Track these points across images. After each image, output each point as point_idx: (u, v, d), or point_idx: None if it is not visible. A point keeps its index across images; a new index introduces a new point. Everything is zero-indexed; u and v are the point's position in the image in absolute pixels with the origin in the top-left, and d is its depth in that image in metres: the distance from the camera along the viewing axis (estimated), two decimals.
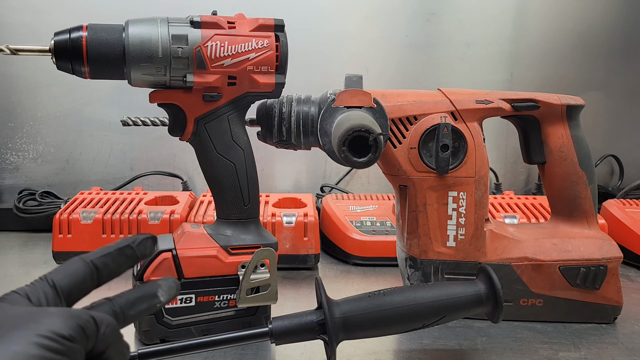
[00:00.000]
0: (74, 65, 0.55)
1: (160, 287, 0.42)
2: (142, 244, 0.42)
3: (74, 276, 0.38)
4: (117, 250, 0.41)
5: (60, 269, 0.38)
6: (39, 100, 1.10)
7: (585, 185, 0.68)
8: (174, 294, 0.43)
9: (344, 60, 1.13)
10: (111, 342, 0.36)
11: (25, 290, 0.36)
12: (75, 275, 0.38)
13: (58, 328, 0.31)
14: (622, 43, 1.16)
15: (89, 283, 0.39)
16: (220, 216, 0.62)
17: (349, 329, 0.52)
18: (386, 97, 0.65)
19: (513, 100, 0.67)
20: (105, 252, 0.40)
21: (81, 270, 0.39)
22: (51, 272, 0.38)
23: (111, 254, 0.40)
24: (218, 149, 0.60)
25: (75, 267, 0.39)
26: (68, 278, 0.38)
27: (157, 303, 0.41)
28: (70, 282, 0.38)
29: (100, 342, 0.34)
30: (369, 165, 0.57)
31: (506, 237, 0.67)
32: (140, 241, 0.42)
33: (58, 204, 1.02)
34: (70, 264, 0.39)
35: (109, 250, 0.41)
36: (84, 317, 0.34)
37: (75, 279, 0.38)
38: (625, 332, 0.66)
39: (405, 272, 0.69)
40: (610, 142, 1.19)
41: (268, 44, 0.58)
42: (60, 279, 0.38)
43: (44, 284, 0.37)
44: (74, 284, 0.38)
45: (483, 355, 0.60)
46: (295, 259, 0.85)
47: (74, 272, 0.38)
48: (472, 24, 1.13)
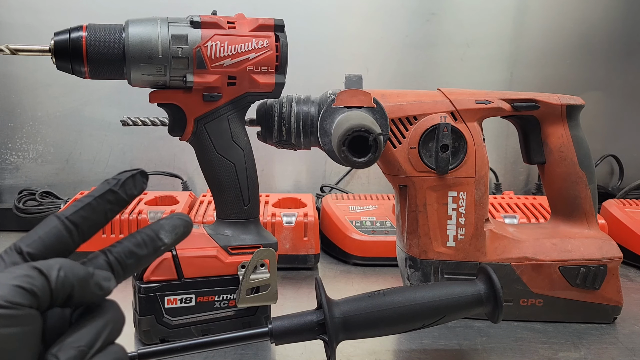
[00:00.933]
0: (73, 65, 0.55)
1: (162, 228, 0.36)
2: (128, 183, 0.36)
3: (46, 238, 0.33)
4: (96, 199, 0.35)
5: (32, 232, 0.34)
6: (39, 100, 1.10)
7: (585, 185, 0.68)
8: (180, 234, 0.37)
9: (344, 60, 1.13)
10: (75, 284, 0.31)
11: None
12: (48, 237, 0.33)
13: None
14: (622, 43, 1.16)
15: (68, 244, 0.34)
16: (220, 216, 0.62)
17: (349, 329, 0.52)
18: (386, 97, 0.65)
19: (513, 100, 0.67)
20: (83, 203, 0.35)
21: (55, 230, 0.34)
22: (23, 236, 0.34)
23: (90, 204, 0.35)
24: (218, 149, 0.60)
25: (47, 228, 0.34)
26: (39, 242, 0.33)
27: (161, 246, 0.36)
28: (42, 246, 0.33)
29: (58, 291, 0.31)
30: (368, 165, 0.57)
31: (506, 237, 0.67)
32: (124, 180, 0.36)
33: (58, 204, 1.02)
34: (43, 224, 0.34)
35: (87, 200, 0.35)
36: (23, 272, 0.30)
37: (48, 242, 0.33)
38: (625, 332, 0.66)
39: (405, 272, 0.69)
40: (610, 142, 1.19)
41: (268, 44, 0.58)
42: (30, 243, 0.33)
43: (12, 252, 0.33)
44: (46, 247, 0.33)
45: (483, 355, 0.60)
46: (295, 259, 0.85)
47: (46, 234, 0.33)
48: (472, 24, 1.13)
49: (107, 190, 0.35)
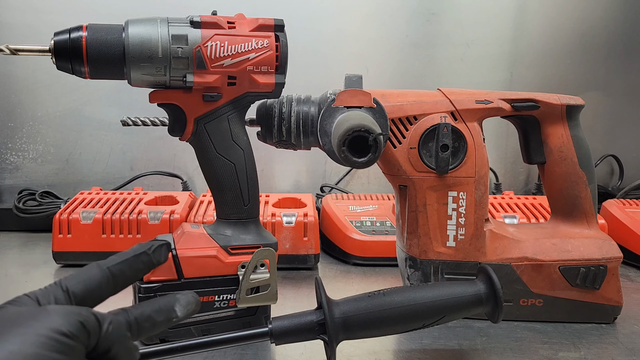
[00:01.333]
0: (73, 65, 0.55)
1: (178, 302, 0.41)
2: (158, 251, 0.43)
3: (88, 282, 0.38)
4: (133, 257, 0.41)
5: (75, 274, 0.38)
6: (39, 100, 1.10)
7: (585, 185, 0.68)
8: (192, 310, 0.42)
9: (344, 60, 1.13)
10: (115, 340, 0.35)
11: (36, 294, 0.36)
12: (90, 281, 0.38)
13: (57, 325, 0.31)
14: (622, 43, 1.16)
15: (104, 289, 0.39)
16: (220, 216, 0.62)
17: (349, 329, 0.52)
18: (386, 97, 0.65)
19: (513, 100, 0.67)
20: (122, 258, 0.40)
21: (97, 276, 0.38)
22: (66, 277, 0.38)
23: (128, 260, 0.40)
24: (218, 149, 0.60)
25: (90, 274, 0.38)
26: (82, 284, 0.37)
27: (174, 317, 0.40)
28: (84, 288, 0.37)
29: (103, 340, 0.34)
30: (368, 165, 0.57)
31: (506, 237, 0.67)
32: (155, 248, 0.42)
33: (58, 204, 1.02)
34: (86, 270, 0.39)
35: (125, 256, 0.40)
36: (85, 313, 0.33)
37: (89, 285, 0.38)
38: (625, 332, 0.66)
39: (405, 272, 0.69)
40: (610, 142, 1.19)
41: (268, 44, 0.58)
42: (74, 284, 0.37)
43: (57, 288, 0.37)
44: (88, 290, 0.38)
45: (483, 355, 0.60)
46: (295, 259, 0.85)
47: (88, 278, 0.38)
48: (472, 24, 1.13)
49: (143, 252, 0.42)
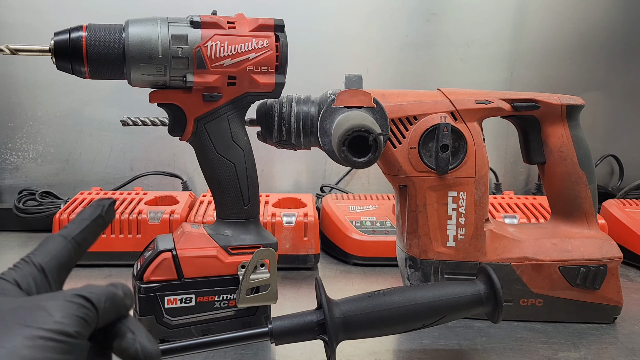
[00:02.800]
0: (73, 65, 0.55)
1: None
2: (110, 211, 0.41)
3: (59, 256, 0.37)
4: (92, 222, 0.40)
5: (44, 249, 0.37)
6: (39, 100, 1.10)
7: (585, 185, 0.68)
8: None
9: (344, 60, 1.13)
10: (114, 311, 0.34)
11: (13, 276, 0.34)
12: (60, 255, 0.37)
13: (58, 326, 0.30)
14: (622, 43, 1.16)
15: (73, 260, 0.38)
16: (220, 216, 0.62)
17: (349, 329, 0.52)
18: (386, 97, 0.65)
19: (513, 100, 0.67)
20: (83, 225, 0.39)
21: (66, 249, 0.37)
22: (34, 252, 0.36)
23: (88, 226, 0.39)
24: (218, 149, 0.60)
25: (59, 247, 0.37)
26: (55, 260, 0.36)
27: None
28: (57, 263, 0.36)
29: (101, 321, 0.33)
30: (368, 165, 0.57)
31: (506, 237, 0.67)
32: (107, 208, 0.41)
33: (58, 204, 1.02)
34: (54, 243, 0.37)
35: (85, 223, 0.39)
36: (84, 305, 0.32)
37: (61, 259, 0.36)
38: (625, 332, 0.66)
39: (405, 272, 0.69)
40: (610, 142, 1.19)
41: (268, 44, 0.58)
42: (48, 260, 0.36)
43: (31, 267, 0.35)
44: (60, 264, 0.36)
45: (483, 355, 0.60)
46: (295, 259, 0.85)
47: (59, 252, 0.37)
48: (472, 24, 1.13)
49: (98, 215, 0.40)
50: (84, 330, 0.31)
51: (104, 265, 0.85)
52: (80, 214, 0.40)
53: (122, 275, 0.65)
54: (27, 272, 0.35)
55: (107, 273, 0.82)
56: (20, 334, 0.29)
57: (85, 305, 0.32)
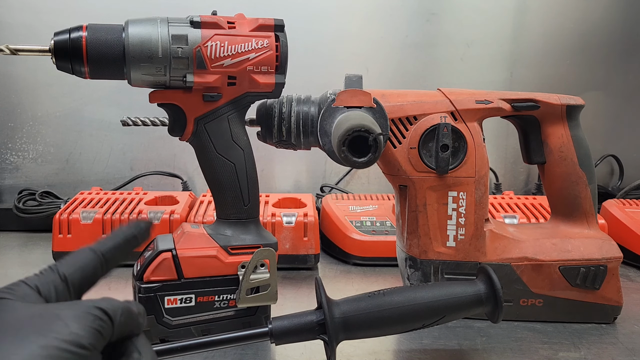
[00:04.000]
0: (73, 65, 0.55)
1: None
2: (145, 233, 0.42)
3: (85, 269, 0.37)
4: (125, 241, 0.40)
5: (71, 260, 0.37)
6: (39, 100, 1.10)
7: (585, 185, 0.68)
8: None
9: (344, 60, 1.13)
10: (129, 327, 0.34)
11: (35, 282, 0.34)
12: (86, 268, 0.37)
13: (73, 337, 0.29)
14: (622, 43, 1.16)
15: (98, 275, 0.38)
16: (220, 216, 0.62)
17: (349, 329, 0.52)
18: (386, 97, 0.65)
19: (513, 100, 0.67)
20: (115, 242, 0.40)
21: (93, 263, 0.37)
22: (61, 262, 0.37)
23: (120, 245, 0.40)
24: (218, 149, 0.60)
25: (86, 260, 0.37)
26: (80, 271, 0.36)
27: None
28: (81, 276, 0.36)
29: (116, 335, 0.33)
30: (368, 165, 0.57)
31: (506, 237, 0.67)
32: (144, 229, 0.42)
33: (58, 204, 1.02)
34: (81, 255, 0.38)
35: (117, 240, 0.40)
36: (100, 317, 0.32)
37: (86, 272, 0.37)
38: (625, 332, 0.66)
39: (405, 272, 0.69)
40: (610, 142, 1.19)
41: (268, 44, 0.58)
42: (72, 272, 0.36)
43: (55, 276, 0.35)
44: (84, 277, 0.37)
45: (483, 355, 0.60)
46: (295, 259, 0.85)
47: (85, 265, 0.37)
48: (472, 24, 1.13)
49: (133, 235, 0.41)
50: (99, 343, 0.31)
51: None
52: (117, 230, 0.41)
53: (122, 275, 0.65)
54: (50, 279, 0.35)
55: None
56: (36, 343, 0.29)
57: (102, 318, 0.32)
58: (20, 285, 0.34)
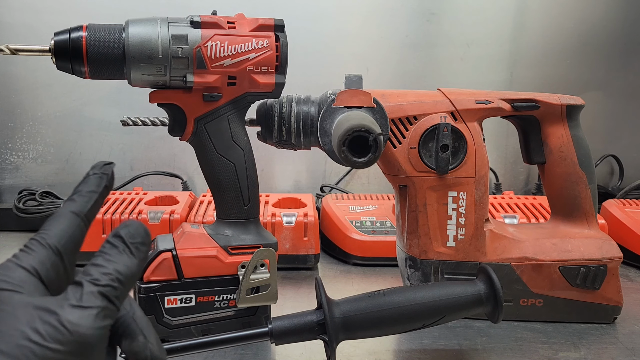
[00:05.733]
0: (74, 65, 0.55)
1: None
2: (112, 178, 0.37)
3: (75, 237, 0.34)
4: (101, 196, 0.36)
5: (56, 229, 0.33)
6: (39, 100, 1.10)
7: (585, 185, 0.68)
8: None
9: (344, 60, 1.13)
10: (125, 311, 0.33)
11: (31, 263, 0.31)
12: (75, 235, 0.34)
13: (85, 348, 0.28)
14: (622, 43, 1.16)
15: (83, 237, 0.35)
16: (220, 216, 0.62)
17: (349, 329, 0.52)
18: (386, 97, 0.65)
19: (513, 100, 0.67)
20: (93, 199, 0.35)
21: (80, 229, 0.34)
22: (47, 232, 0.33)
23: (97, 201, 0.36)
24: (218, 149, 0.60)
25: (73, 225, 0.34)
26: (71, 241, 0.33)
27: None
28: (74, 245, 0.34)
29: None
30: (368, 165, 0.57)
31: (506, 237, 0.67)
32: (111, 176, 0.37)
33: (58, 204, 1.02)
34: (67, 222, 0.34)
35: (94, 196, 0.35)
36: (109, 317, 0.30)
37: (76, 240, 0.34)
38: (625, 332, 0.66)
39: (405, 272, 0.69)
40: (610, 142, 1.19)
41: (268, 44, 0.58)
42: (64, 243, 0.33)
43: (48, 251, 0.32)
44: (76, 246, 0.34)
45: (483, 355, 0.60)
46: (295, 259, 0.85)
47: (74, 232, 0.34)
48: (472, 24, 1.13)
49: (105, 186, 0.36)
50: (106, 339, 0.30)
51: None
52: (86, 184, 0.36)
53: None
54: (45, 257, 0.32)
55: None
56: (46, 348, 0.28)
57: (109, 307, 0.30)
58: (15, 270, 0.31)
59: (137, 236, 0.33)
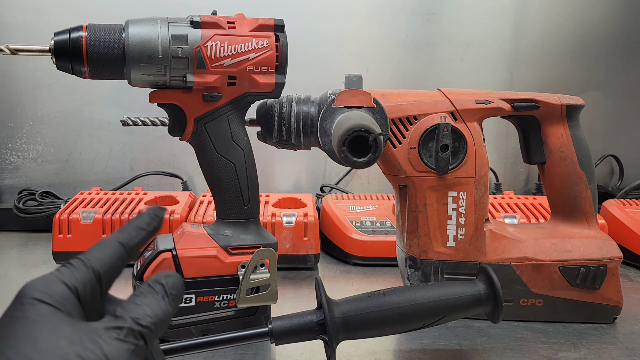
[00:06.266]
0: (73, 65, 0.55)
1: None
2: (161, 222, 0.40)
3: (115, 266, 0.35)
4: (148, 235, 0.38)
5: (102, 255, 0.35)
6: (39, 100, 1.10)
7: (585, 185, 0.68)
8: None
9: (344, 60, 1.13)
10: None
11: (72, 281, 0.33)
12: (116, 264, 0.35)
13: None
14: (622, 43, 1.16)
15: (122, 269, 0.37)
16: (220, 216, 0.62)
17: (349, 329, 0.52)
18: (386, 97, 0.65)
19: (513, 100, 0.67)
20: (141, 235, 0.38)
21: (122, 259, 0.36)
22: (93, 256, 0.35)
23: (144, 238, 0.38)
24: (218, 149, 0.60)
25: (117, 254, 0.36)
26: (112, 270, 0.35)
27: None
28: (114, 273, 0.35)
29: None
30: (368, 165, 0.57)
31: (506, 237, 0.67)
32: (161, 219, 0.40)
33: (58, 204, 1.02)
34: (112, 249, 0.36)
35: (143, 233, 0.38)
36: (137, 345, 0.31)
37: (116, 269, 0.36)
38: (625, 332, 0.66)
39: (405, 272, 0.69)
40: (610, 142, 1.19)
41: (268, 44, 0.58)
42: (106, 269, 0.35)
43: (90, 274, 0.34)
44: (115, 275, 0.36)
45: (483, 355, 0.60)
46: (295, 259, 0.85)
47: (116, 261, 0.35)
48: (472, 24, 1.13)
49: (154, 228, 0.39)
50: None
51: None
52: (138, 220, 0.39)
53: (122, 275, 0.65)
54: (87, 278, 0.34)
55: None
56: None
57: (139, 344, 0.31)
58: (58, 286, 0.32)
59: (176, 289, 0.35)
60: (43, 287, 0.32)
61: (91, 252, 0.35)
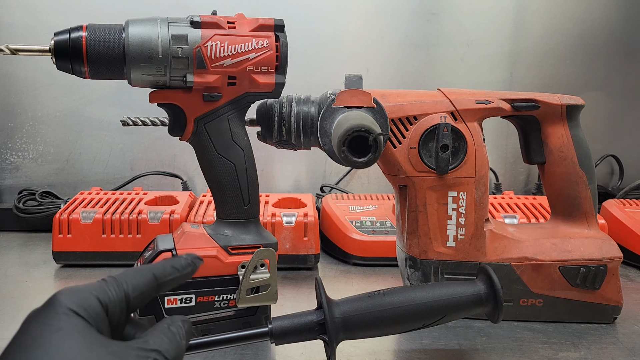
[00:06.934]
0: (73, 65, 0.55)
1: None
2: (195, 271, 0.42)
3: (146, 295, 0.37)
4: (180, 278, 0.41)
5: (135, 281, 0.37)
6: (39, 100, 1.10)
7: (585, 185, 0.68)
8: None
9: (344, 60, 1.13)
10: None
11: (104, 299, 0.34)
12: (148, 294, 0.38)
13: None
14: (622, 43, 1.16)
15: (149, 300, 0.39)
16: (220, 216, 0.62)
17: (349, 329, 0.52)
18: (386, 97, 0.65)
19: (513, 100, 0.67)
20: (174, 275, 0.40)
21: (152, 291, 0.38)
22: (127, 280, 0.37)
23: (176, 279, 0.40)
24: (218, 149, 0.60)
25: (149, 285, 0.38)
26: (141, 297, 0.37)
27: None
28: (142, 301, 0.37)
29: None
30: (368, 165, 0.57)
31: (506, 237, 0.67)
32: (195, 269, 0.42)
33: (58, 204, 1.02)
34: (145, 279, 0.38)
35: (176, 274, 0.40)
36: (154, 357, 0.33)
37: (145, 298, 0.37)
38: (625, 332, 0.66)
39: (405, 272, 0.69)
40: (610, 142, 1.19)
41: (268, 44, 0.58)
42: (136, 295, 0.37)
43: (121, 295, 0.36)
44: (142, 302, 0.37)
45: (483, 355, 0.60)
46: (295, 259, 0.85)
47: (147, 291, 0.38)
48: (472, 24, 1.13)
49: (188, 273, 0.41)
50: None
51: (104, 265, 0.85)
52: (175, 261, 0.41)
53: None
54: (118, 299, 0.35)
55: (107, 273, 0.82)
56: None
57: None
58: (93, 301, 0.34)
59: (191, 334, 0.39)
60: (79, 300, 0.33)
61: (126, 274, 0.37)
